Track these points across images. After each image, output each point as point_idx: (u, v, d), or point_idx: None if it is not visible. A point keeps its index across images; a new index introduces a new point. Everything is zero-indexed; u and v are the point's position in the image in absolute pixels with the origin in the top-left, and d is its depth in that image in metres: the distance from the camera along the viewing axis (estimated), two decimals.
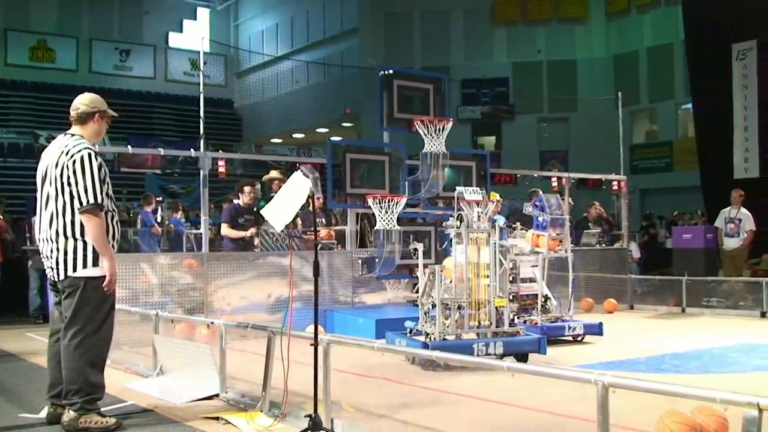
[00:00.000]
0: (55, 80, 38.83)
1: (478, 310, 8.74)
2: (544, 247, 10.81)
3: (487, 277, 8.79)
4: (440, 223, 12.92)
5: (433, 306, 8.71)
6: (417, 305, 11.99)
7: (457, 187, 9.34)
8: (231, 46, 44.82)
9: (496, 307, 8.84)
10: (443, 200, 13.15)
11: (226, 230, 12.24)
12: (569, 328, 10.66)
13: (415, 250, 9.59)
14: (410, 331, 9.26)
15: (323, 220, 14.13)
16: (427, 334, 8.66)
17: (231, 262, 11.47)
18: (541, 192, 11.37)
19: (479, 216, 8.96)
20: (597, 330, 10.88)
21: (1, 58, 39.68)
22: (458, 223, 8.94)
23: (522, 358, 8.85)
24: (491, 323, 8.82)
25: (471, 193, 9.17)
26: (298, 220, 13.35)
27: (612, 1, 35.99)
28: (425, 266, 9.11)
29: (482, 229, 8.90)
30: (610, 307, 14.81)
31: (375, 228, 11.32)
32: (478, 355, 8.33)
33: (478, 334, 8.73)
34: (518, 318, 10.45)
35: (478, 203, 9.05)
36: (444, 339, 8.57)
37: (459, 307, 8.66)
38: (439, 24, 36.34)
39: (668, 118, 34.07)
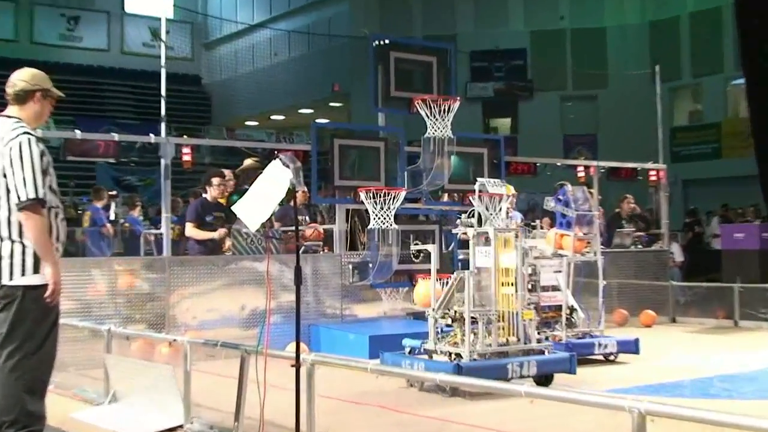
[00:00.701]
0: None
1: (501, 323, 8.74)
2: (569, 249, 10.78)
3: (512, 285, 8.78)
4: (445, 220, 12.91)
5: (454, 320, 8.66)
6: (419, 319, 12.03)
7: (478, 179, 9.30)
8: (198, 12, 44.76)
9: (523, 321, 8.85)
10: (449, 194, 13.15)
11: (191, 230, 12.20)
12: (599, 345, 10.64)
13: (419, 252, 9.54)
14: (410, 351, 9.22)
15: (307, 217, 14.10)
16: (449, 354, 8.63)
17: (197, 268, 11.43)
18: (568, 184, 11.34)
19: (507, 212, 9.00)
20: (632, 347, 10.85)
21: None
22: (474, 221, 8.93)
23: (544, 380, 8.83)
24: (518, 339, 8.82)
25: (494, 185, 9.13)
26: (311, 231, 13.34)
27: None
28: (420, 272, 9.07)
29: (510, 228, 8.89)
30: (648, 320, 14.79)
31: (368, 227, 11.30)
32: (512, 378, 8.36)
33: (507, 353, 8.72)
34: (539, 333, 10.43)
35: (501, 198, 9.00)
36: (473, 359, 8.53)
37: (487, 322, 8.63)
38: None
39: (715, 95, 34.08)
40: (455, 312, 8.68)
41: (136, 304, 11.01)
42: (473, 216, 8.99)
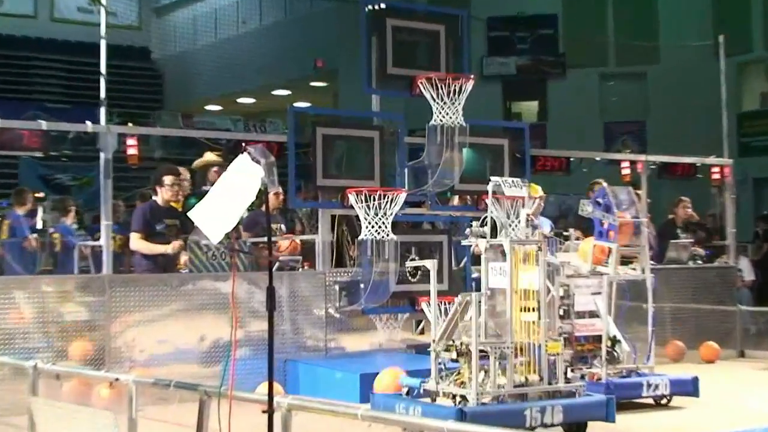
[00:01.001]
0: None
1: (520, 357, 8.73)
2: (611, 265, 10.80)
3: (534, 310, 8.78)
4: (455, 229, 12.94)
5: (459, 354, 8.66)
6: (422, 353, 12.04)
7: (492, 178, 9.32)
8: None
9: (549, 355, 8.83)
10: (460, 196, 13.18)
11: (137, 242, 12.18)
12: (649, 385, 10.66)
13: (416, 269, 9.57)
14: (408, 392, 9.24)
15: (282, 226, 14.12)
16: (453, 396, 8.64)
17: (145, 289, 11.43)
18: (604, 183, 11.36)
19: (531, 220, 9.04)
20: (690, 388, 10.87)
21: None
22: (487, 230, 8.95)
23: (575, 429, 8.84)
24: (541, 378, 8.80)
25: (512, 186, 9.15)
26: (287, 244, 13.35)
27: None
28: (424, 294, 9.09)
29: (532, 240, 8.92)
30: (710, 355, 14.82)
31: (359, 237, 11.31)
32: (532, 427, 8.35)
33: (524, 395, 8.71)
34: (572, 370, 10.45)
35: (520, 201, 9.05)
36: (482, 403, 8.51)
37: (501, 357, 8.61)
38: None
39: None
40: (462, 344, 8.65)
41: (70, 335, 11.01)
42: (486, 224, 9.00)
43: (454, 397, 8.62)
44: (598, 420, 8.87)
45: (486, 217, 9.07)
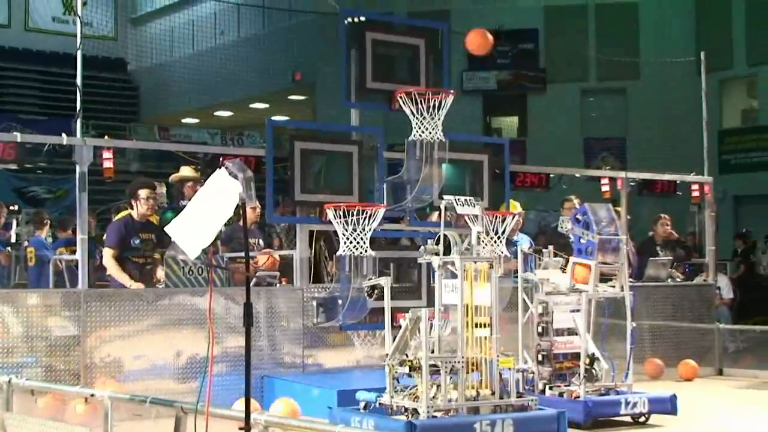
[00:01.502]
0: None
1: (472, 372, 8.94)
2: (590, 282, 10.86)
3: (487, 326, 8.97)
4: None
5: (412, 369, 8.79)
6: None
7: (444, 196, 9.48)
8: None
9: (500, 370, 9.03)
10: (439, 212, 13.22)
11: (109, 260, 12.07)
12: (627, 403, 10.70)
13: (373, 289, 9.68)
14: (365, 406, 9.36)
15: (260, 241, 14.13)
16: (406, 410, 8.73)
17: (121, 304, 11.41)
18: (576, 200, 11.42)
19: (479, 237, 9.22)
20: (669, 407, 10.92)
21: None
22: (440, 247, 9.10)
23: None
24: (493, 392, 8.98)
25: (464, 204, 9.37)
26: (266, 259, 13.34)
27: None
28: (402, 310, 9.19)
29: (484, 257, 9.11)
30: (689, 373, 14.88)
31: (337, 253, 11.35)
32: None
33: (477, 409, 8.88)
34: (551, 387, 10.51)
35: (474, 219, 9.21)
36: (433, 416, 8.67)
37: (451, 371, 8.78)
38: None
39: None
40: (415, 359, 8.81)
41: (49, 348, 11.00)
42: (447, 241, 9.15)
43: (406, 410, 8.75)
44: None
45: (439, 234, 9.19)
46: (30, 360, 10.83)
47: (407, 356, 8.90)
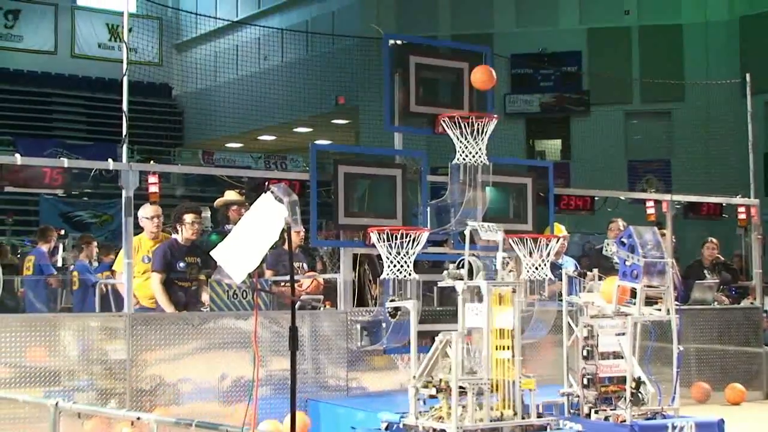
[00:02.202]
0: None
1: (495, 393, 9.07)
2: (636, 305, 10.80)
3: (508, 348, 9.11)
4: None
5: (439, 390, 8.91)
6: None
7: (470, 222, 9.54)
8: (169, 6, 45.11)
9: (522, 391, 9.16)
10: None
11: (157, 288, 12.12)
12: (674, 427, 10.62)
13: (396, 310, 9.80)
14: (387, 427, 9.43)
15: (304, 264, 14.17)
16: (434, 430, 8.79)
17: (167, 327, 11.46)
18: (621, 222, 11.37)
19: (504, 263, 9.40)
20: (716, 431, 10.84)
21: None
22: (465, 272, 9.25)
23: None
24: (515, 413, 9.10)
25: (487, 231, 9.62)
26: (312, 282, 13.37)
27: None
28: (432, 334, 9.26)
29: (507, 282, 9.25)
30: (736, 397, 14.77)
31: (381, 276, 11.35)
32: None
33: (501, 429, 9.00)
34: (596, 412, 10.45)
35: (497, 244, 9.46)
36: None
37: (478, 392, 8.90)
38: None
39: None
40: (441, 381, 8.92)
41: (98, 374, 11.06)
42: (463, 266, 9.31)
43: (433, 431, 8.81)
44: None
45: (463, 259, 9.25)
46: (78, 384, 10.89)
47: (432, 378, 8.98)
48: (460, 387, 8.76)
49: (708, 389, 14.61)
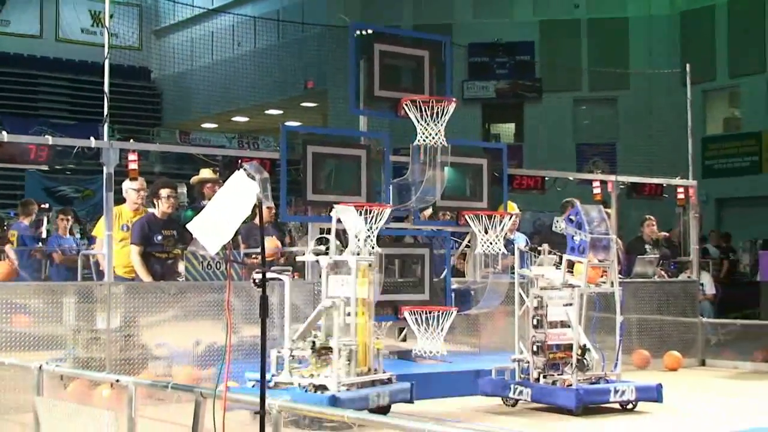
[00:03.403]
0: None
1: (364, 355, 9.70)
2: (582, 278, 10.86)
3: (364, 315, 9.66)
4: (438, 243, 13.00)
5: (314, 351, 9.39)
6: (404, 358, 12.11)
7: (335, 206, 10.03)
8: None
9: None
10: (442, 212, 13.22)
11: (136, 260, 12.06)
12: (616, 391, 10.70)
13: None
14: (254, 385, 9.63)
15: (275, 238, 14.13)
16: (315, 387, 9.24)
17: (145, 296, 11.44)
18: (577, 202, 11.42)
19: (365, 239, 9.87)
20: (654, 395, 10.92)
21: None
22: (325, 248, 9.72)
23: (381, 411, 9.37)
24: (370, 369, 9.71)
25: (345, 211, 9.90)
26: (272, 244, 13.34)
27: None
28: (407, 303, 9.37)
29: (365, 257, 9.65)
30: (673, 363, 14.87)
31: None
32: (372, 409, 9.20)
33: (371, 383, 9.62)
34: (545, 377, 10.51)
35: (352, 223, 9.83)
36: (347, 390, 9.33)
37: (349, 353, 9.42)
38: None
39: (757, 99, 34.24)
40: (314, 343, 9.44)
41: (81, 341, 11.01)
42: (323, 242, 9.75)
43: (315, 387, 9.26)
44: (404, 402, 9.75)
45: (324, 237, 9.78)
46: (60, 349, 10.86)
47: (304, 340, 9.54)
48: (329, 348, 9.34)
49: (648, 356, 14.71)
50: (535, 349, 10.54)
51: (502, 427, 9.41)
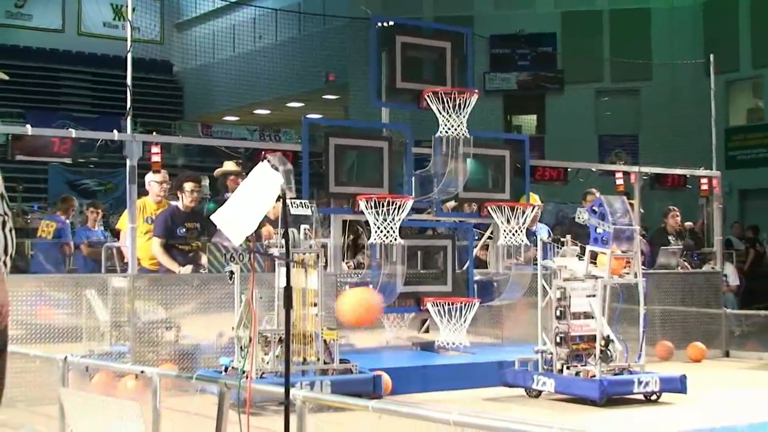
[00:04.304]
0: None
1: (305, 344, 9.87)
2: (605, 269, 10.84)
3: (315, 305, 9.87)
4: (459, 235, 13.00)
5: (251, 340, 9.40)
6: (426, 350, 12.12)
7: (290, 200, 9.96)
8: None
9: (325, 341, 9.95)
10: (464, 203, 13.23)
11: (158, 249, 12.11)
12: (639, 383, 10.68)
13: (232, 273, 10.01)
14: (225, 369, 9.90)
15: (268, 225, 14.15)
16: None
17: (168, 288, 11.47)
18: (597, 193, 11.41)
19: (306, 233, 10.07)
20: (678, 386, 10.89)
21: None
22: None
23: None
24: (319, 359, 9.83)
25: (298, 206, 10.17)
26: (266, 230, 13.36)
27: None
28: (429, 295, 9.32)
29: (308, 250, 9.91)
30: (697, 355, 14.83)
31: (369, 241, 11.37)
32: None
33: (303, 372, 9.76)
34: (568, 368, 10.49)
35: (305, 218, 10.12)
36: (262, 377, 9.51)
37: (280, 341, 9.59)
38: None
39: None
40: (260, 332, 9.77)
41: (105, 332, 11.07)
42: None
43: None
44: (367, 394, 9.66)
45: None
46: (86, 340, 10.91)
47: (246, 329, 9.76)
48: (266, 336, 9.75)
49: (671, 347, 14.67)
50: (558, 340, 10.53)
51: (526, 417, 9.40)
